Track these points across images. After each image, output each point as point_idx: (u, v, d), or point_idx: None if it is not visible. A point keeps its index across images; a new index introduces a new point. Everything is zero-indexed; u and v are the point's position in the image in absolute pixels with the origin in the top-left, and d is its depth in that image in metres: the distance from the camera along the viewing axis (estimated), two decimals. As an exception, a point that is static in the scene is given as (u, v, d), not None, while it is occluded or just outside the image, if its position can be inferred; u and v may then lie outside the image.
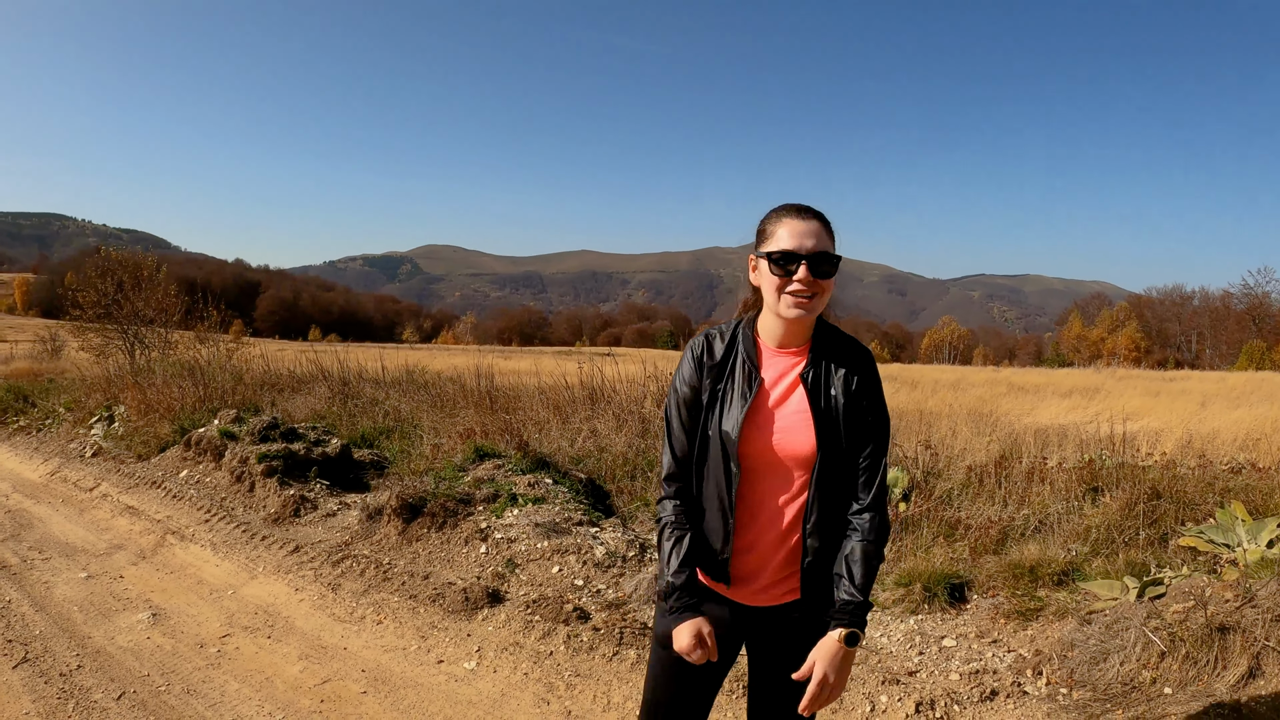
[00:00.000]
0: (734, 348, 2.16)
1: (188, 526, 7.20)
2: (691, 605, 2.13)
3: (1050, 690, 3.75)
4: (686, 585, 2.13)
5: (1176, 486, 5.35)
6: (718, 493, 2.11)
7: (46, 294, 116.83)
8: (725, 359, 2.15)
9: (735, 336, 2.18)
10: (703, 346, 2.19)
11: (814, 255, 1.99)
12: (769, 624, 2.21)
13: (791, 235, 2.01)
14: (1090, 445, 7.57)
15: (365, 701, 4.11)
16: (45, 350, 32.35)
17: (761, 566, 2.14)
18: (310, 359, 14.10)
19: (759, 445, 2.07)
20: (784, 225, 2.04)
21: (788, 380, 2.10)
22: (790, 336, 2.12)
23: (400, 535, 6.13)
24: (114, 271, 21.00)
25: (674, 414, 2.21)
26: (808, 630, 2.14)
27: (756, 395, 2.08)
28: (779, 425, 2.07)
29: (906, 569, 4.87)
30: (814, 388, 2.07)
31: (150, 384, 12.22)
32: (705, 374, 2.15)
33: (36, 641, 4.90)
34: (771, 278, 2.03)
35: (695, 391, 2.16)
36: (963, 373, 41.47)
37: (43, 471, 10.18)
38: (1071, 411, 15.29)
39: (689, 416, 2.18)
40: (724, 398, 2.11)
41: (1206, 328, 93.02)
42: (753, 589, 2.17)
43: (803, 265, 1.99)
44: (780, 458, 2.07)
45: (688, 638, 2.10)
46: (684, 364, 2.21)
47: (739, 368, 2.12)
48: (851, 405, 2.07)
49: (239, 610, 5.37)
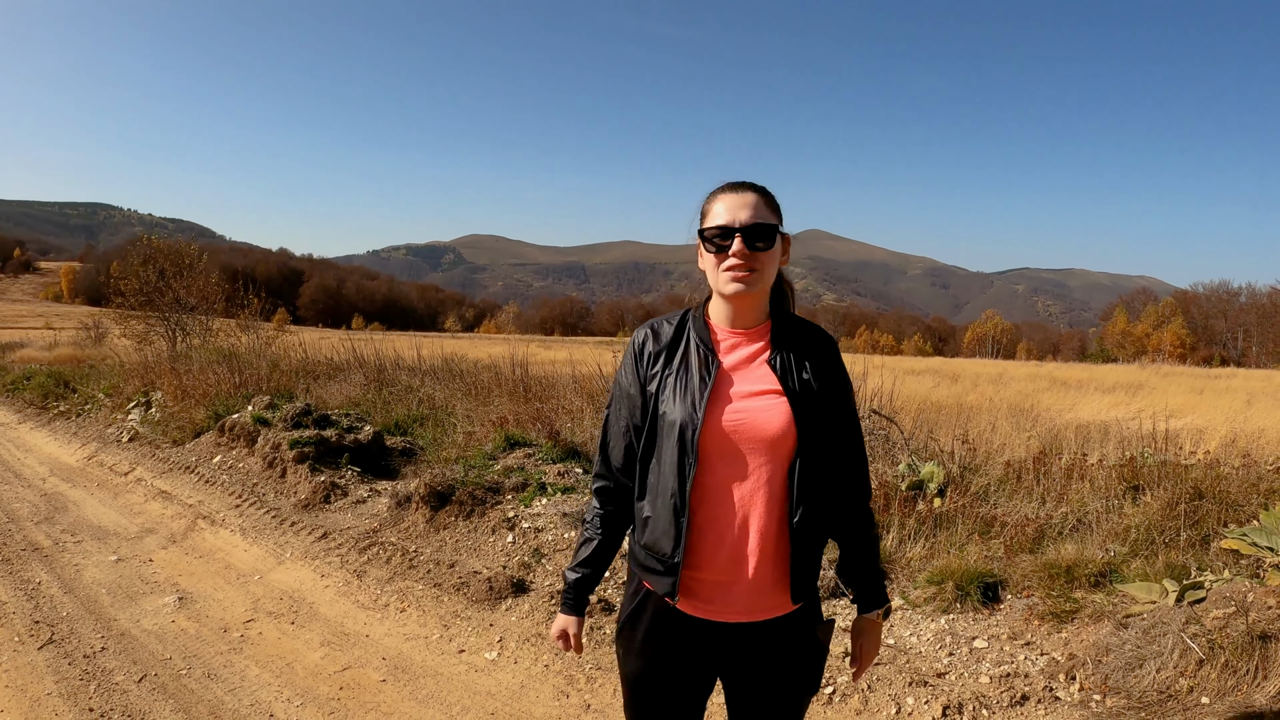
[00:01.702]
0: (684, 333, 2.02)
1: (219, 511, 7.25)
2: (572, 603, 2.17)
3: (1083, 696, 3.64)
4: (577, 584, 2.15)
5: (1220, 486, 5.18)
6: (671, 488, 1.92)
7: (92, 282, 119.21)
8: (674, 345, 2.01)
9: (685, 322, 2.04)
10: (645, 335, 2.06)
11: (749, 227, 1.88)
12: (749, 644, 1.98)
13: (726, 210, 1.91)
14: (1132, 442, 7.39)
15: (384, 690, 4.09)
16: (88, 337, 32.95)
17: (734, 574, 1.92)
18: (347, 347, 14.18)
19: (724, 430, 1.89)
20: (719, 201, 1.94)
21: (749, 363, 1.96)
22: (740, 317, 1.98)
23: (428, 523, 6.11)
24: (156, 259, 21.24)
25: (612, 411, 2.11)
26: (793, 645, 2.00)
27: (716, 377, 1.93)
28: (745, 407, 1.90)
29: (939, 566, 4.75)
30: (782, 370, 1.93)
31: (187, 370, 12.35)
32: (651, 363, 2.01)
33: (63, 623, 4.94)
34: (710, 256, 1.93)
35: (639, 383, 2.02)
36: (1005, 367, 41.10)
37: (80, 456, 10.32)
38: (1114, 408, 15.02)
39: (628, 413, 2.04)
40: (677, 384, 1.95)
41: (1253, 325, 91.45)
42: (726, 601, 1.94)
43: (737, 238, 1.87)
44: (749, 443, 1.89)
45: (556, 629, 2.18)
46: (626, 356, 2.08)
47: (693, 352, 1.97)
48: (824, 390, 1.95)
49: (264, 595, 5.38)
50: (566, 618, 2.16)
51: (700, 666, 2.02)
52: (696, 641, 1.98)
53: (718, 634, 1.97)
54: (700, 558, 1.93)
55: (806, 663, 2.03)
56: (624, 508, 2.11)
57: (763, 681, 2.02)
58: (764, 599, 1.94)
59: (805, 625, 2.01)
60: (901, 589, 4.73)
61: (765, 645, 1.98)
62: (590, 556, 2.13)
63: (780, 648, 1.99)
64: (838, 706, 3.76)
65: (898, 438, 6.98)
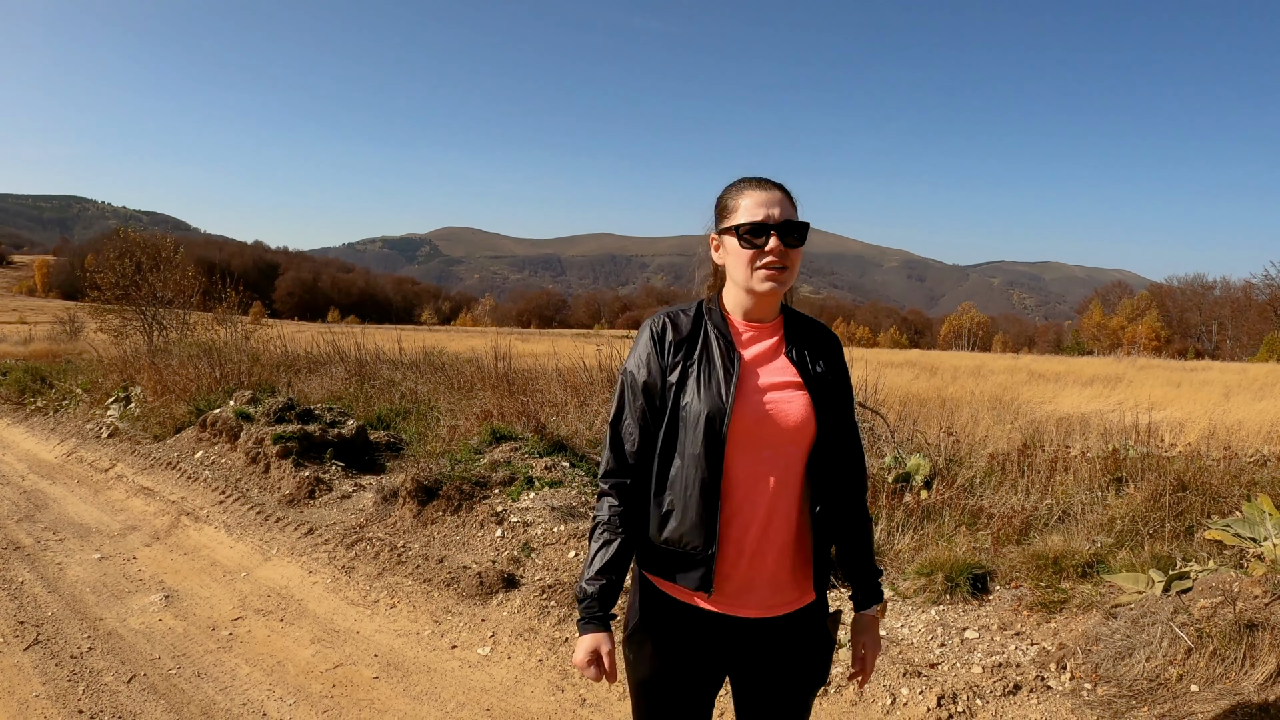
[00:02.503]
0: (702, 325, 2.01)
1: (202, 508, 7.19)
2: (599, 618, 1.95)
3: (1074, 685, 3.67)
4: (600, 594, 1.94)
5: (1202, 478, 5.24)
6: (698, 480, 1.89)
7: (66, 276, 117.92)
8: (694, 336, 1.99)
9: (701, 314, 2.03)
10: (664, 323, 2.01)
11: (782, 225, 1.89)
12: (764, 639, 1.98)
13: (757, 206, 1.91)
14: (1113, 435, 7.46)
15: (377, 687, 4.08)
16: (64, 332, 32.65)
17: (756, 566, 1.92)
18: (327, 340, 14.10)
19: (751, 421, 1.90)
20: (747, 196, 1.93)
21: (770, 356, 1.98)
22: (760, 311, 1.99)
23: (415, 518, 6.09)
24: (132, 253, 21.06)
25: (628, 402, 2.01)
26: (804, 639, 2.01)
27: (741, 369, 1.93)
28: (771, 399, 1.92)
29: (928, 558, 4.78)
30: (800, 362, 1.96)
31: (167, 365, 12.25)
32: (673, 351, 1.97)
33: (48, 623, 4.90)
34: (742, 252, 1.91)
35: (661, 372, 1.97)
36: (982, 359, 41.36)
37: (59, 452, 10.22)
38: (1093, 400, 15.17)
39: (646, 404, 1.98)
40: (700, 375, 1.93)
41: (1228, 318, 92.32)
42: (747, 595, 1.94)
43: (772, 236, 1.88)
44: (774, 433, 1.91)
45: (584, 653, 1.94)
46: (640, 345, 2.02)
47: (715, 343, 1.96)
48: (836, 384, 2.00)
49: (252, 593, 5.35)
50: (595, 636, 1.95)
51: (714, 665, 2.02)
52: (712, 640, 1.98)
53: (734, 630, 1.96)
54: (725, 550, 1.92)
55: (816, 656, 2.04)
56: (640, 505, 2.02)
57: (773, 677, 2.02)
58: (783, 593, 1.95)
59: (816, 618, 2.03)
60: (891, 580, 4.75)
61: (778, 640, 1.99)
62: (612, 559, 1.96)
63: (792, 642, 2.00)
64: (833, 698, 3.78)
65: (883, 430, 7.01)
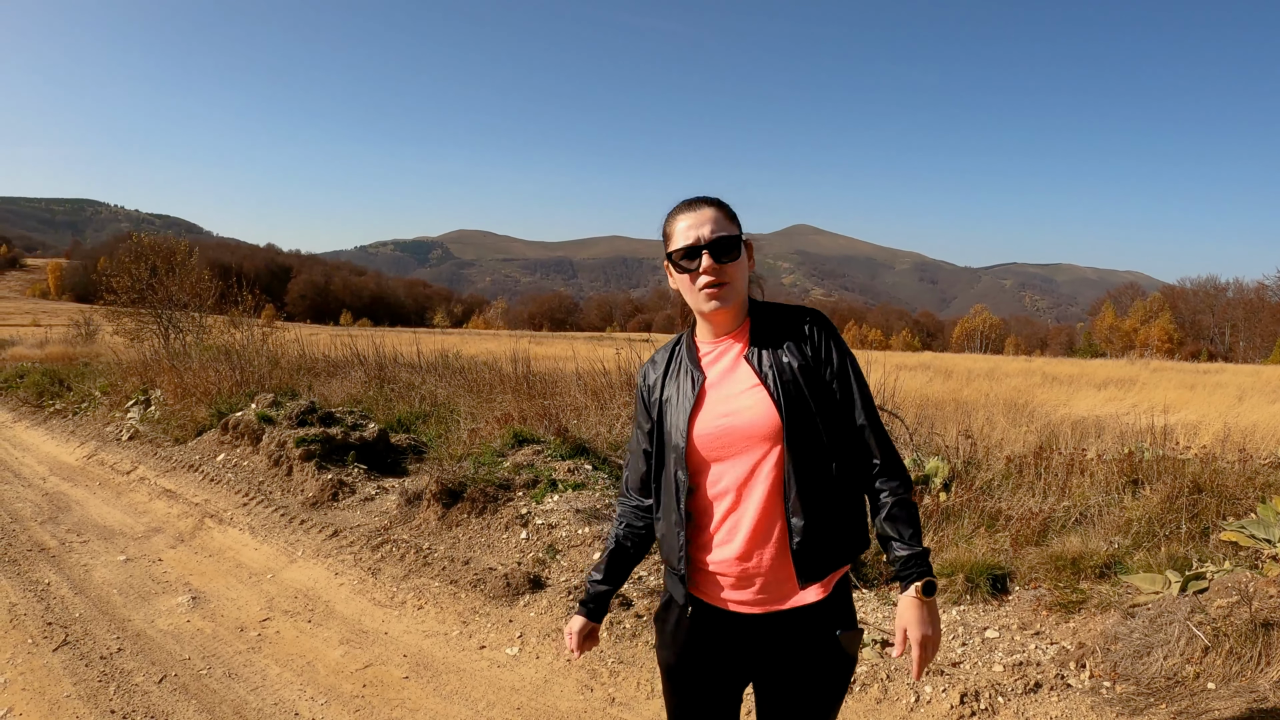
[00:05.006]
0: (675, 357, 2.13)
1: (226, 510, 7.28)
2: (586, 607, 2.25)
3: (1094, 683, 3.73)
4: (593, 591, 2.24)
5: (1217, 481, 5.27)
6: (672, 505, 2.06)
7: (79, 279, 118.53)
8: (669, 370, 2.13)
9: (679, 345, 2.15)
10: (646, 369, 2.22)
11: (712, 243, 1.95)
12: (774, 635, 2.02)
13: (688, 229, 1.97)
14: (1128, 437, 7.49)
15: (408, 687, 4.15)
16: (79, 334, 32.82)
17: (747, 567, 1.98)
18: (345, 343, 14.19)
19: (711, 440, 1.99)
20: (680, 220, 2.01)
21: (732, 368, 2.03)
22: (719, 329, 2.06)
23: (440, 520, 6.16)
24: (147, 256, 21.22)
25: (635, 434, 2.24)
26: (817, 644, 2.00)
27: (700, 389, 2.02)
28: (730, 410, 1.98)
29: (949, 559, 4.84)
30: (760, 362, 1.98)
31: (186, 368, 12.35)
32: (653, 390, 2.15)
33: (76, 624, 4.98)
34: (682, 278, 2.01)
35: (648, 413, 2.16)
36: (996, 362, 41.28)
37: (79, 454, 10.33)
38: (1108, 403, 15.17)
39: (643, 436, 2.19)
40: (673, 406, 2.07)
41: (1240, 320, 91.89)
42: (745, 592, 2.00)
43: (704, 255, 1.94)
44: (740, 443, 1.96)
45: (567, 627, 2.25)
46: (637, 390, 2.24)
47: (682, 372, 2.09)
48: (810, 369, 1.98)
49: (279, 594, 5.43)
50: (576, 618, 2.25)
51: (728, 659, 2.07)
52: (721, 634, 2.06)
53: (742, 625, 2.03)
54: (715, 555, 2.02)
55: (831, 668, 2.01)
56: (643, 524, 2.23)
57: (788, 682, 2.04)
58: (781, 587, 1.99)
59: (829, 623, 1.99)
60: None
61: (790, 638, 2.01)
62: (607, 563, 2.25)
63: (805, 645, 2.00)
64: (859, 696, 3.84)
65: (901, 432, 7.06)
